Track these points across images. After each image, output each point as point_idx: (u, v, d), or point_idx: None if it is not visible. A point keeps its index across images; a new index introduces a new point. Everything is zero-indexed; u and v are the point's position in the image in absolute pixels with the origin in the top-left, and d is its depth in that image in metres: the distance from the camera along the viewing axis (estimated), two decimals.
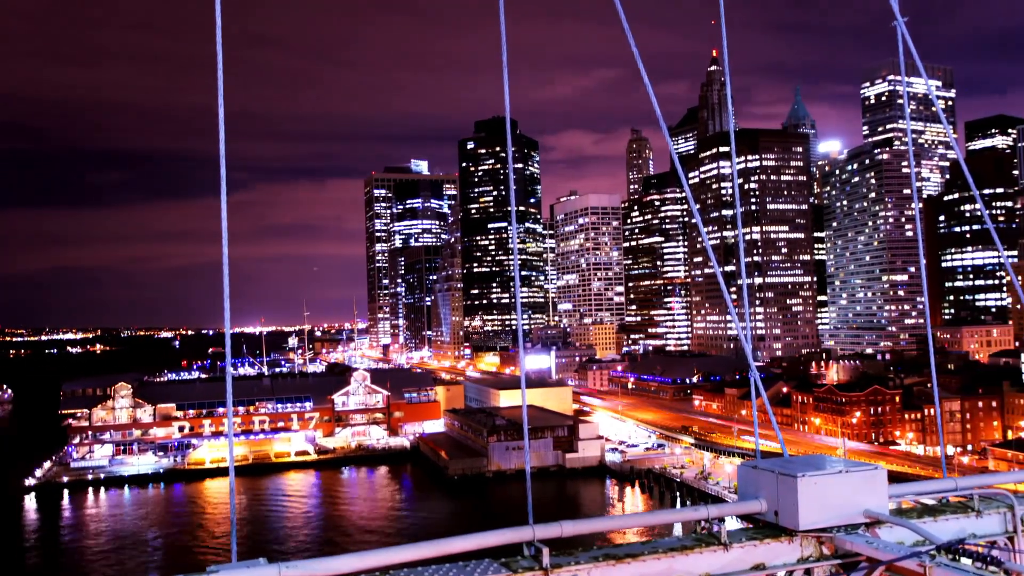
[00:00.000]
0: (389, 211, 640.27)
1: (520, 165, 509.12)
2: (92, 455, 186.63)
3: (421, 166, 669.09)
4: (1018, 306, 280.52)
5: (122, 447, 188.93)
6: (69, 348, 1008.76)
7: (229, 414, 11.08)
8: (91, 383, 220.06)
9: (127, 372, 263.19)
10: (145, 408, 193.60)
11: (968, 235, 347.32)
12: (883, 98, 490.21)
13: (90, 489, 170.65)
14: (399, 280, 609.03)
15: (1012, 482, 15.26)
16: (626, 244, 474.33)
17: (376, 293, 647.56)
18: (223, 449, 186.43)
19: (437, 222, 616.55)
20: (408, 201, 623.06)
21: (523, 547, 10.57)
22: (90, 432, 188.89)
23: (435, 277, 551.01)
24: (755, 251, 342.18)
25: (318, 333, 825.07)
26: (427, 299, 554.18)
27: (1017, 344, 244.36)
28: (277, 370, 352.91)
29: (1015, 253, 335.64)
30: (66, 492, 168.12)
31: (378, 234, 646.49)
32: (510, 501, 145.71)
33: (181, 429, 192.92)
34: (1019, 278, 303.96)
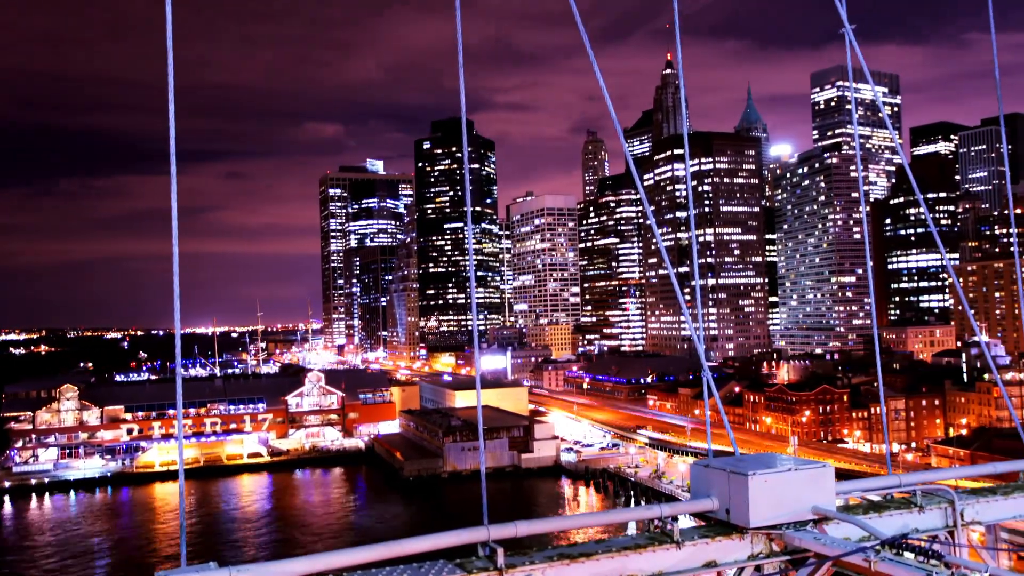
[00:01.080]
0: (344, 210, 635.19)
1: (476, 165, 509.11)
2: (36, 459, 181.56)
3: (377, 166, 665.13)
4: (959, 307, 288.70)
5: (68, 451, 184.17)
6: (12, 349, 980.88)
7: (179, 416, 10.91)
8: (35, 385, 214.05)
9: (73, 374, 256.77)
10: (92, 410, 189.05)
11: (913, 238, 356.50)
12: (832, 103, 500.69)
13: (33, 495, 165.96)
14: (354, 280, 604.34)
15: (953, 478, 15.72)
16: (582, 245, 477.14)
17: (331, 293, 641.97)
18: (173, 452, 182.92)
19: (393, 222, 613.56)
20: (364, 201, 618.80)
21: (478, 547, 10.58)
22: (34, 435, 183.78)
23: (391, 277, 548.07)
24: (708, 252, 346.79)
25: (271, 330, 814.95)
26: (383, 299, 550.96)
27: (959, 344, 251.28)
28: (230, 371, 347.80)
29: (957, 256, 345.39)
30: (7, 498, 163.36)
31: (333, 233, 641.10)
32: (466, 502, 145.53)
33: (130, 432, 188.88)
34: (960, 280, 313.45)
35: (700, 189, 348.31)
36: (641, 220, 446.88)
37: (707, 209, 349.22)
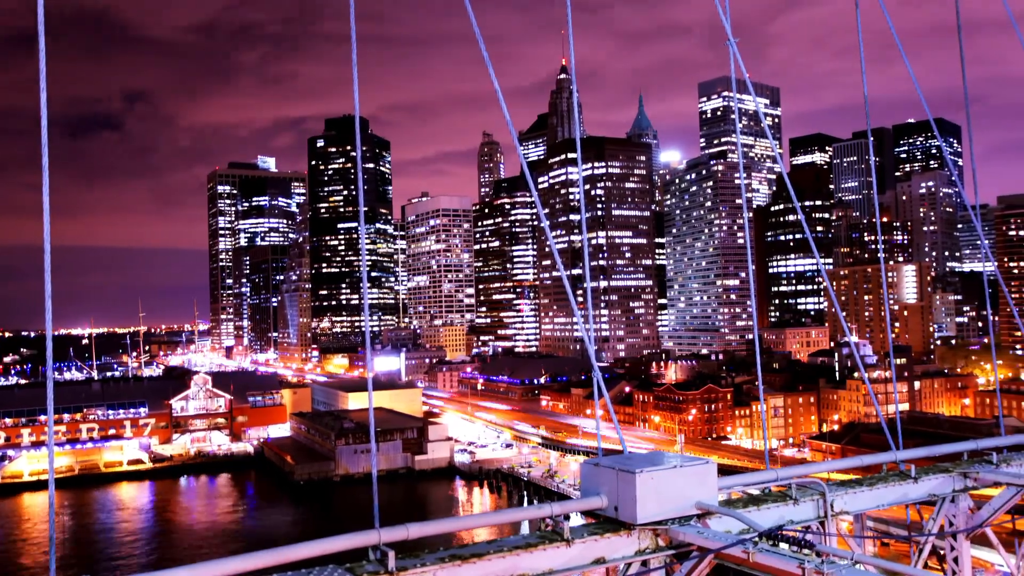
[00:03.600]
0: (234, 208, 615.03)
1: (371, 165, 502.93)
2: None
3: (269, 163, 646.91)
4: (832, 310, 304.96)
5: None
6: None
7: (50, 420, 10.33)
8: None
9: None
10: None
11: (792, 243, 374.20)
12: (718, 112, 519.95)
13: None
14: (244, 280, 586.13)
15: (825, 471, 16.62)
16: (477, 246, 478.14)
17: (219, 293, 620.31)
18: (44, 460, 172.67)
19: (285, 221, 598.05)
20: (255, 198, 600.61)
21: (368, 551, 10.48)
22: None
23: (282, 277, 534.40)
24: (600, 255, 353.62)
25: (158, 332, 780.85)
26: (274, 300, 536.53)
27: (832, 344, 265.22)
28: (109, 374, 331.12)
29: (831, 261, 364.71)
30: None
31: (222, 232, 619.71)
32: (358, 505, 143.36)
33: None
34: (833, 284, 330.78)
35: (593, 193, 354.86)
36: (536, 222, 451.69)
37: (599, 212, 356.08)
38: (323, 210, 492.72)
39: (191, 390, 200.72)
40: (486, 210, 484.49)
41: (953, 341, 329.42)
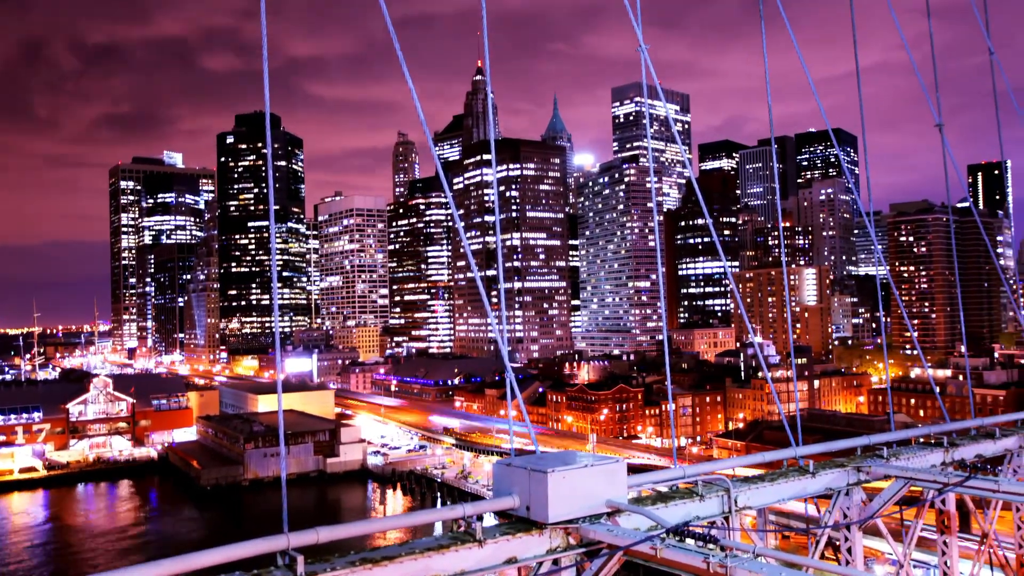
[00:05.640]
0: (138, 205, 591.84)
1: (283, 163, 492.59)
2: None
3: (175, 158, 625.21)
4: (738, 311, 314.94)
5: None
6: None
7: None
8: None
9: None
10: None
11: (700, 247, 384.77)
12: (631, 117, 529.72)
13: None
14: (148, 279, 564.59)
15: (730, 468, 17.16)
16: (391, 247, 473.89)
17: (121, 293, 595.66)
18: None
19: (192, 218, 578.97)
20: (160, 195, 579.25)
21: (277, 557, 10.29)
22: None
23: (189, 277, 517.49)
24: (515, 256, 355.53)
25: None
26: (180, 300, 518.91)
27: (737, 345, 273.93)
28: (0, 378, 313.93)
29: (737, 264, 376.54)
30: None
31: (124, 229, 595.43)
32: (268, 510, 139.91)
33: None
34: (739, 286, 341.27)
35: (508, 194, 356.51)
36: (450, 223, 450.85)
37: (514, 214, 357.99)
38: (233, 208, 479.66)
39: (90, 393, 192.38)
40: (400, 210, 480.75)
41: (849, 341, 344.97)
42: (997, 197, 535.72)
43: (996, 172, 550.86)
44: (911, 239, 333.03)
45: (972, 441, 20.66)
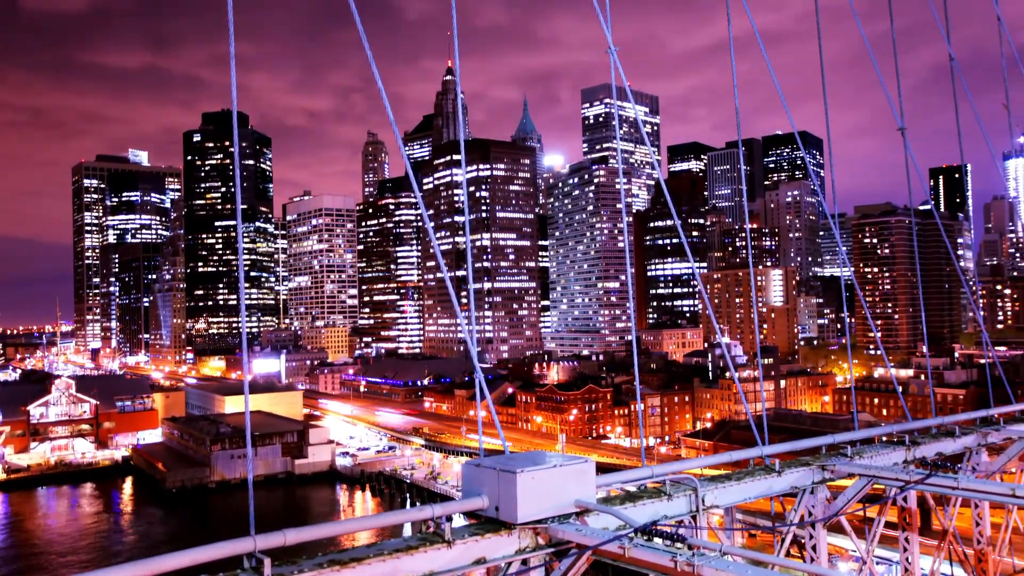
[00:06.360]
0: (102, 203, 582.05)
1: (251, 162, 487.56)
2: None
3: (141, 156, 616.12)
4: (706, 311, 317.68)
5: None
6: None
7: None
8: None
9: None
10: None
11: (669, 247, 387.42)
12: (600, 119, 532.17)
13: None
14: (113, 279, 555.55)
15: (697, 467, 17.31)
16: (360, 247, 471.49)
17: (85, 292, 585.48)
18: None
19: (158, 217, 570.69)
20: (125, 194, 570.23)
21: (243, 559, 10.19)
22: None
23: (154, 276, 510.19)
24: (485, 257, 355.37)
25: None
26: (145, 300, 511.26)
27: (705, 345, 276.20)
28: None
29: (705, 265, 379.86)
30: None
31: (88, 228, 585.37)
32: (235, 513, 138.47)
33: None
34: (707, 287, 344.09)
35: (477, 195, 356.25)
36: (420, 223, 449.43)
37: (484, 214, 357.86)
38: (199, 207, 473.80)
39: (52, 395, 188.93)
40: (370, 210, 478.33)
41: (815, 342, 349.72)
42: (958, 200, 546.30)
43: (957, 176, 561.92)
44: (875, 241, 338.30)
45: (933, 439, 21.05)
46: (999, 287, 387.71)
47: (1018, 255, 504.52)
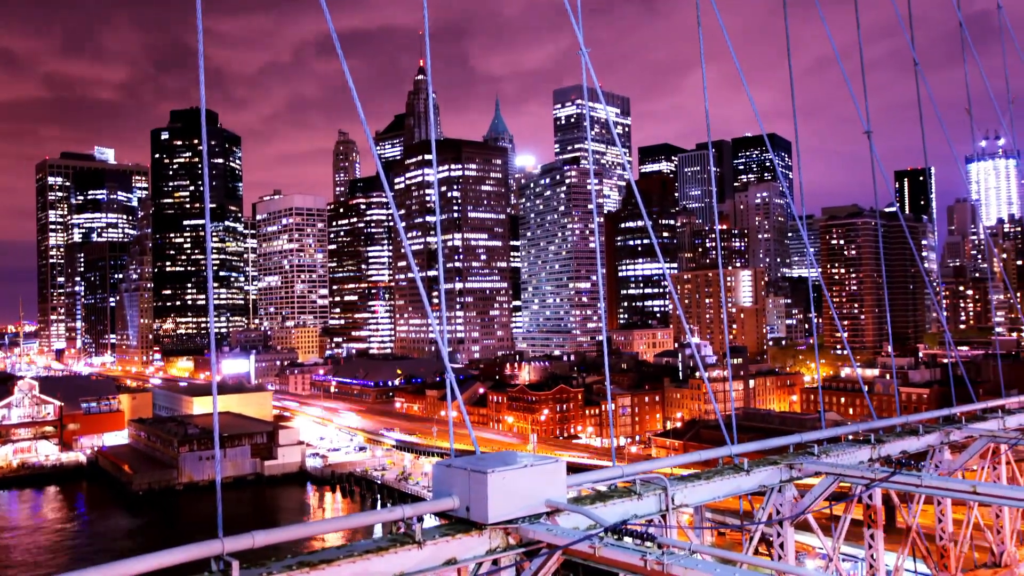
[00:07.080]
0: (67, 201, 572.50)
1: (220, 160, 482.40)
2: None
3: (107, 154, 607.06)
4: (676, 312, 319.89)
5: None
6: None
7: None
8: None
9: None
10: None
11: (640, 248, 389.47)
12: (572, 120, 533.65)
13: None
14: (78, 278, 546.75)
15: (667, 466, 17.44)
16: (331, 247, 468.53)
17: (49, 292, 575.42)
18: None
19: (125, 216, 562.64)
20: (90, 192, 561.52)
21: (211, 562, 10.10)
22: None
23: (121, 276, 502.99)
24: (456, 257, 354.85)
25: None
26: (111, 299, 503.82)
27: (676, 345, 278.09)
28: None
29: (676, 265, 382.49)
30: None
31: (52, 226, 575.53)
32: (203, 515, 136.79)
33: None
34: (677, 288, 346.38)
35: (449, 195, 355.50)
36: (391, 223, 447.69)
37: (455, 214, 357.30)
38: (167, 206, 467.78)
39: (15, 396, 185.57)
40: (341, 210, 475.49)
41: (783, 342, 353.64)
42: (922, 202, 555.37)
43: (921, 178, 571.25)
44: (842, 242, 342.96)
45: (897, 438, 21.41)
46: (961, 288, 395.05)
47: (980, 257, 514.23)
